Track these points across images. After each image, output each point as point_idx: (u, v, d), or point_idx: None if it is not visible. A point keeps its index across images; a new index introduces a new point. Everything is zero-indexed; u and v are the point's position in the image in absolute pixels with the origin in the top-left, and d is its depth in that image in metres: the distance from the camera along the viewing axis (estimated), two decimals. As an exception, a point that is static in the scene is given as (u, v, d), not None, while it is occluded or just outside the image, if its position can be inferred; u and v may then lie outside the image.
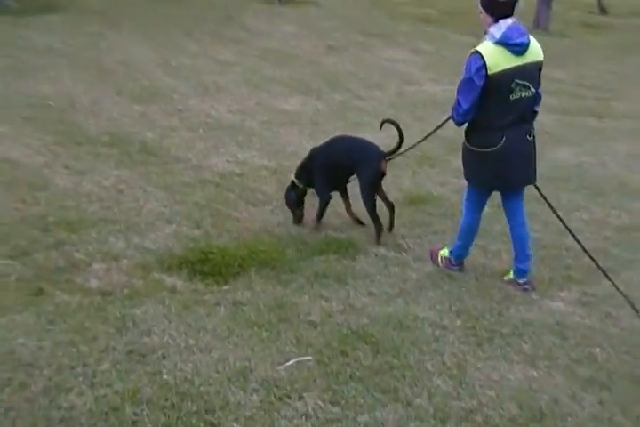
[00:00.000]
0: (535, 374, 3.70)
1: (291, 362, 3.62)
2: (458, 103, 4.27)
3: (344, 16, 13.82)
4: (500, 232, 5.43)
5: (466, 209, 4.72)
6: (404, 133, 5.09)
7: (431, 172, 6.67)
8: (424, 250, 5.06)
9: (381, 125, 5.15)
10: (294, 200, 5.25)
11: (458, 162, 6.83)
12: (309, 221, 5.27)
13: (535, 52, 4.28)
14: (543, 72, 4.37)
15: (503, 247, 5.17)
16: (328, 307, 4.21)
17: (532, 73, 4.27)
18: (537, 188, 4.59)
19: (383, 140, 5.43)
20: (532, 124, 4.45)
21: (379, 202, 5.14)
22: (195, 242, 4.77)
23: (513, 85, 4.17)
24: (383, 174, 5.05)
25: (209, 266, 4.45)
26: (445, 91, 9.62)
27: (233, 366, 3.55)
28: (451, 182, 6.37)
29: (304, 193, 5.28)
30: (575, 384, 3.64)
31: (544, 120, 8.97)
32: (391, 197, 5.75)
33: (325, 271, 4.61)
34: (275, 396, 3.36)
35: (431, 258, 4.90)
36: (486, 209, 5.76)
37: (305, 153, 5.46)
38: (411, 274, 4.72)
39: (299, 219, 5.28)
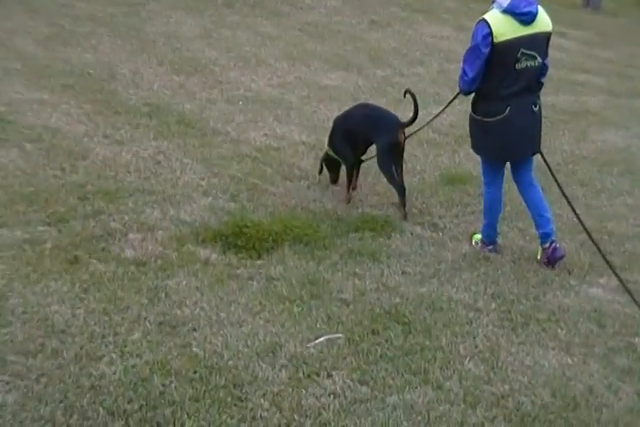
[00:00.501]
0: (570, 361, 3.63)
1: (321, 339, 3.60)
2: (464, 72, 4.32)
3: (389, -10, 13.58)
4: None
5: (485, 185, 4.75)
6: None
7: (471, 151, 6.47)
8: (460, 230, 4.99)
9: (405, 94, 5.12)
10: (329, 166, 5.41)
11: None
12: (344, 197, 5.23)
13: (543, 22, 4.27)
14: (592, 51, 4.25)
15: (542, 231, 5.06)
16: (361, 285, 4.17)
17: (540, 43, 4.27)
18: (542, 155, 4.60)
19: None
20: (538, 96, 4.47)
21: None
22: (230, 215, 4.74)
23: (519, 55, 4.19)
24: (400, 145, 5.04)
25: (243, 240, 4.43)
26: (490, 69, 9.47)
27: (263, 341, 3.54)
28: (491, 162, 6.24)
29: (338, 161, 5.37)
30: (612, 374, 3.57)
31: (590, 101, 8.77)
32: (429, 176, 5.69)
33: (360, 249, 4.56)
34: (303, 373, 3.35)
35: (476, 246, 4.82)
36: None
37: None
38: (446, 254, 4.66)
39: (333, 180, 5.45)
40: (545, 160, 4.61)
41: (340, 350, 3.53)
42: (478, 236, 4.83)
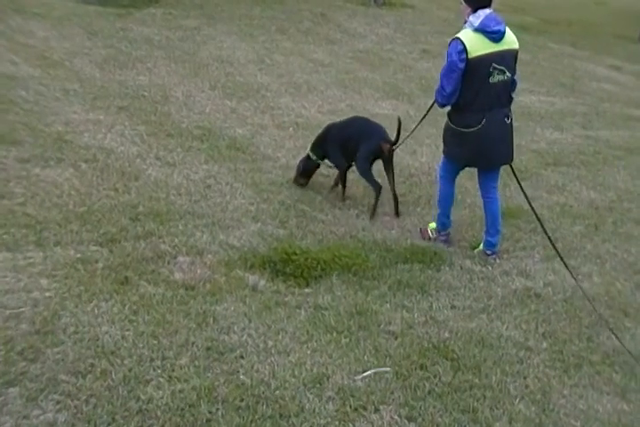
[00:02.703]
0: (626, 407, 3.52)
1: (369, 372, 3.55)
2: (442, 87, 4.61)
3: (439, 20, 13.61)
4: (591, 253, 5.23)
5: (441, 179, 5.08)
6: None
7: (523, 185, 6.43)
8: (511, 265, 4.91)
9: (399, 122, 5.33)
10: (305, 170, 5.74)
11: (552, 176, 6.73)
12: (392, 223, 5.20)
13: (510, 40, 4.63)
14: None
15: (595, 269, 4.98)
16: (409, 318, 4.12)
17: (508, 59, 4.62)
18: (511, 167, 4.97)
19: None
20: (509, 109, 4.77)
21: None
22: (279, 242, 4.74)
23: (491, 69, 4.53)
24: (387, 155, 5.38)
25: (291, 267, 4.42)
26: (542, 102, 9.40)
27: (310, 371, 3.50)
28: (542, 197, 6.17)
29: (316, 166, 5.76)
30: (670, 423, 3.44)
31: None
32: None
33: (408, 280, 4.52)
34: (350, 406, 3.30)
35: (423, 237, 5.19)
36: (578, 228, 5.62)
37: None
38: (496, 289, 4.58)
39: (300, 184, 5.76)
40: (513, 172, 4.99)
41: (387, 385, 3.48)
42: (433, 224, 5.20)
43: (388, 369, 3.60)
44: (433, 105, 4.96)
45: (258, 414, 3.16)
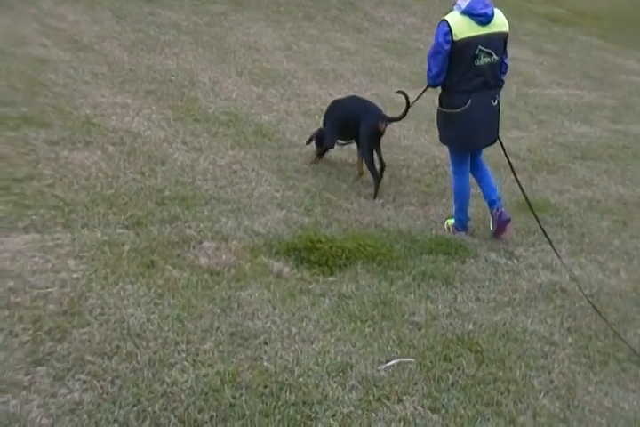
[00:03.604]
0: (652, 405, 3.48)
1: (392, 362, 3.54)
2: (429, 68, 4.75)
3: (468, 10, 13.48)
4: (619, 249, 5.18)
5: (454, 174, 5.12)
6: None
7: (549, 178, 6.39)
8: (537, 259, 4.87)
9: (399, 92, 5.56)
10: (319, 141, 5.87)
11: (579, 170, 6.65)
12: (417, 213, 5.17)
13: (500, 23, 4.70)
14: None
15: (622, 265, 4.93)
16: (433, 309, 4.10)
17: (497, 42, 4.69)
18: (501, 143, 5.11)
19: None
20: (497, 91, 4.87)
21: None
22: (303, 229, 4.74)
23: (477, 52, 4.61)
24: (380, 134, 5.56)
25: (316, 255, 4.41)
26: (570, 95, 9.28)
27: (333, 359, 3.50)
28: (570, 191, 6.11)
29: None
30: (697, 422, 3.40)
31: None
32: (505, 202, 5.59)
33: (433, 272, 4.50)
34: (373, 396, 3.30)
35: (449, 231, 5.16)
36: (605, 224, 5.55)
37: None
38: (521, 283, 4.55)
39: (318, 155, 5.91)
40: (502, 146, 5.12)
41: (411, 375, 3.47)
42: (451, 220, 5.15)
43: (411, 360, 3.59)
44: (427, 88, 5.07)
45: (281, 400, 3.16)
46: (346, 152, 6.26)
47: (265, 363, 3.40)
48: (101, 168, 5.14)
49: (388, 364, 3.52)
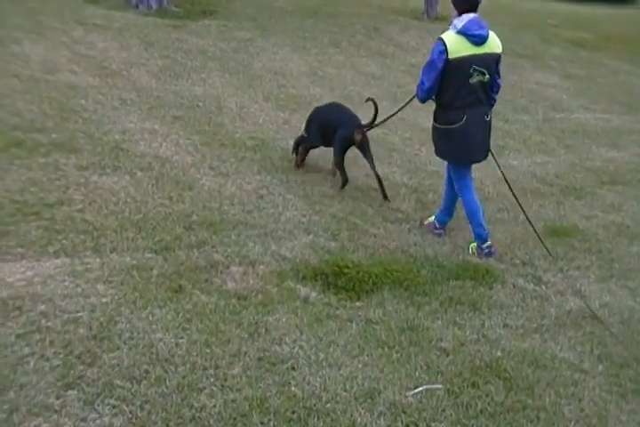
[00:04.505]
0: (686, 436, 3.42)
1: (420, 389, 3.52)
2: (422, 82, 4.90)
3: (492, 35, 13.54)
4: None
5: (460, 191, 5.19)
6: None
7: (577, 204, 6.36)
8: (565, 285, 4.82)
9: (367, 100, 5.94)
10: (298, 148, 6.22)
11: (607, 195, 6.61)
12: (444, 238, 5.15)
13: (494, 45, 4.88)
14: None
15: (653, 291, 4.85)
16: (461, 335, 4.07)
17: (489, 62, 4.86)
18: (493, 154, 5.23)
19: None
20: (489, 109, 5.05)
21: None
22: (330, 254, 4.75)
23: (471, 70, 4.77)
24: (357, 142, 5.82)
25: (343, 280, 4.42)
26: (598, 119, 9.26)
27: (361, 385, 3.48)
28: (598, 216, 6.07)
29: (310, 146, 6.19)
30: None
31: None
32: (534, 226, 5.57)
33: (460, 297, 4.48)
34: (402, 422, 3.27)
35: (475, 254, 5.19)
36: (635, 249, 5.50)
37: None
38: (550, 309, 4.51)
39: (296, 163, 6.24)
40: (494, 158, 5.24)
41: (439, 402, 3.44)
42: (474, 244, 5.19)
43: (439, 386, 3.56)
44: (412, 98, 5.26)
45: (309, 426, 3.15)
46: (372, 178, 6.29)
47: (293, 388, 3.39)
48: (130, 193, 5.21)
49: (416, 390, 3.50)
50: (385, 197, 5.81)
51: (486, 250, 5.12)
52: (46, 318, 3.64)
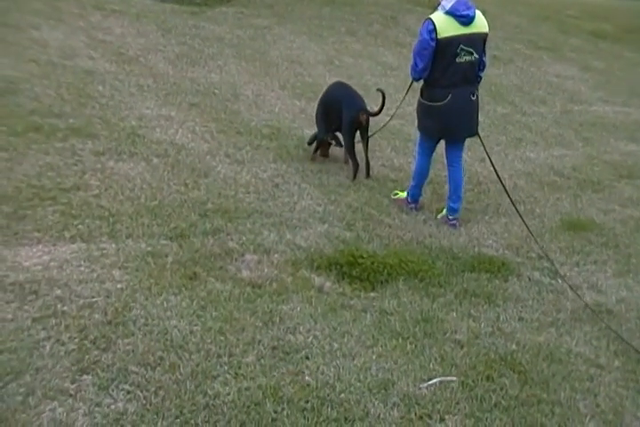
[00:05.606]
0: (703, 433, 3.39)
1: (434, 380, 3.50)
2: (415, 63, 5.03)
3: (510, 26, 13.38)
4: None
5: (417, 155, 5.48)
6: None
7: (594, 197, 6.30)
8: (582, 279, 4.79)
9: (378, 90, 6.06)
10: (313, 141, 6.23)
11: (625, 189, 6.54)
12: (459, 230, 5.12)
13: (480, 24, 4.98)
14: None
15: (670, 287, 4.80)
16: (476, 327, 4.05)
17: (477, 42, 4.98)
18: (479, 137, 5.38)
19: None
20: (476, 87, 5.17)
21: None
22: (345, 244, 4.73)
23: (459, 50, 4.90)
24: (362, 124, 5.94)
25: (358, 270, 4.40)
26: (617, 112, 9.16)
27: (375, 376, 3.48)
28: (616, 211, 6.01)
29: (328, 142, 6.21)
30: None
31: None
32: (549, 220, 5.54)
33: (475, 289, 4.45)
34: (415, 414, 3.26)
35: (397, 204, 5.53)
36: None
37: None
38: (565, 303, 4.47)
39: (312, 156, 6.21)
40: (482, 141, 5.43)
41: (453, 394, 3.43)
42: (403, 194, 5.57)
43: (453, 378, 3.54)
44: (412, 83, 5.40)
45: (322, 416, 3.15)
46: (388, 168, 6.27)
47: (306, 378, 3.39)
48: (146, 179, 5.20)
49: (430, 382, 3.48)
50: (368, 174, 5.98)
51: (412, 205, 5.50)
52: (62, 302, 3.65)
